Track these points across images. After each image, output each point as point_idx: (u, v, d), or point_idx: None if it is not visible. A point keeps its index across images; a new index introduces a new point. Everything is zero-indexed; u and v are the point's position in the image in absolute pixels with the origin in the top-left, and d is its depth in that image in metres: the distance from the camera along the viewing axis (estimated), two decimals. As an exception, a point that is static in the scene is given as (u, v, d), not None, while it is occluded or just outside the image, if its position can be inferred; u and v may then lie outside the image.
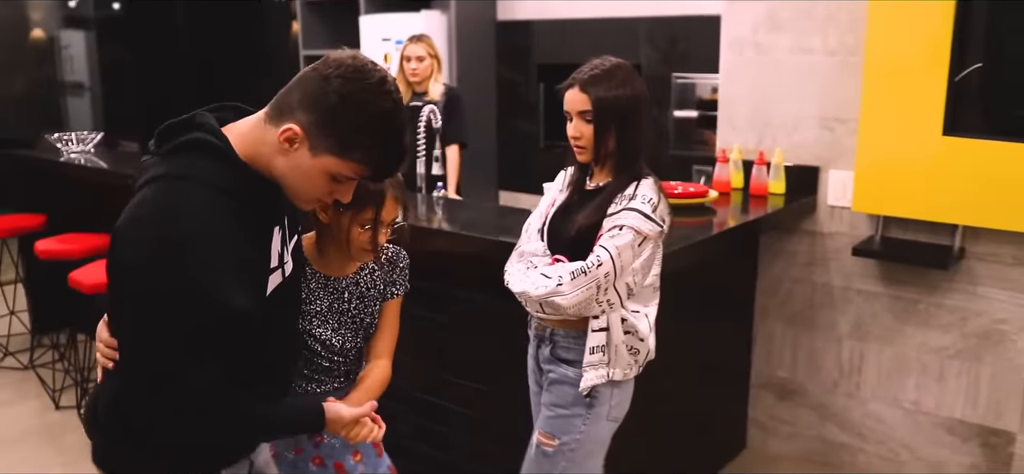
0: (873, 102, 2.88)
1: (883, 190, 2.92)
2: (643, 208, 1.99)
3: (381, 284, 1.94)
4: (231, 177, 1.38)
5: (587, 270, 1.95)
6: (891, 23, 2.80)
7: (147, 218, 1.33)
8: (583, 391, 2.05)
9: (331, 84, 1.37)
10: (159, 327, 1.32)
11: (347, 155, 1.40)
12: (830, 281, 3.21)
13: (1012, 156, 2.65)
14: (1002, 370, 2.91)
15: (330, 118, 1.38)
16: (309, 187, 1.44)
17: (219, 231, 1.34)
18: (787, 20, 3.14)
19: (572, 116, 2.06)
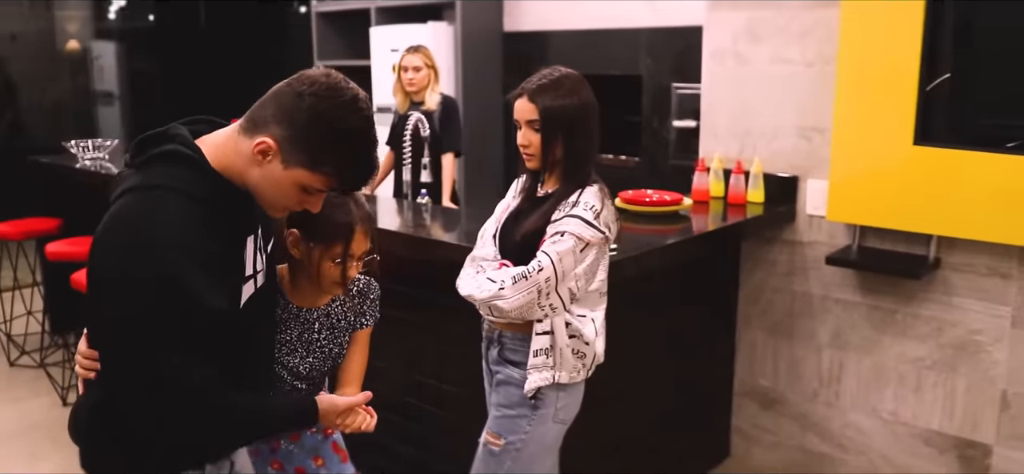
0: (846, 112, 2.89)
1: (857, 200, 2.93)
2: (585, 214, 2.04)
3: (351, 315, 1.98)
4: (203, 185, 1.44)
5: (528, 275, 2.00)
6: (863, 34, 2.81)
7: (122, 226, 1.39)
8: (528, 393, 2.10)
9: (304, 101, 1.43)
10: (139, 327, 1.37)
11: (318, 169, 1.45)
12: (809, 290, 3.22)
13: (982, 165, 2.65)
14: (977, 381, 2.90)
15: (302, 133, 1.43)
16: (280, 197, 1.50)
17: (192, 236, 1.39)
18: (766, 31, 3.17)
19: (521, 124, 2.11)
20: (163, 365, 1.38)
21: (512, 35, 5.54)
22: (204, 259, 1.40)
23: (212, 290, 1.41)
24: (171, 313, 1.36)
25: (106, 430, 1.54)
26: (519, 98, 2.12)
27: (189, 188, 1.42)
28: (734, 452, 3.54)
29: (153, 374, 1.38)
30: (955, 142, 2.72)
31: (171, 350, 1.38)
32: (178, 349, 1.38)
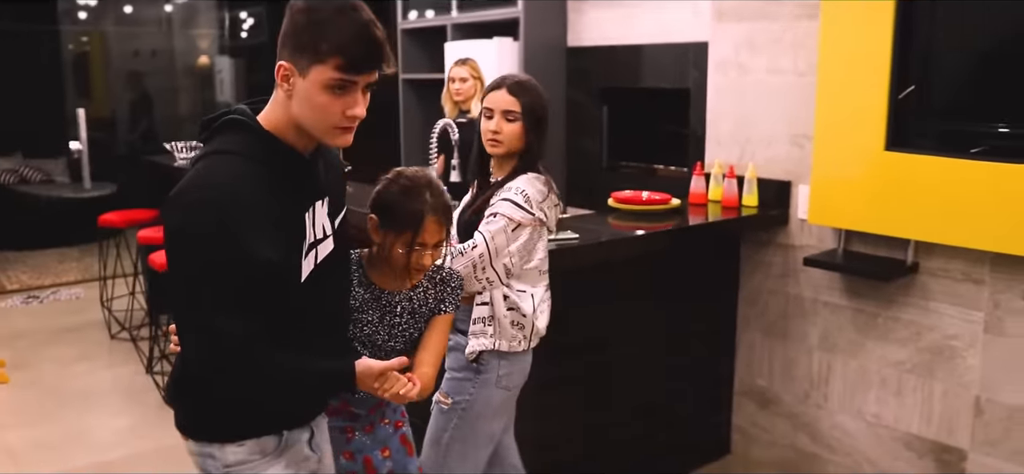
0: (825, 120, 3.01)
1: (836, 204, 3.03)
2: (515, 198, 2.30)
3: (432, 301, 2.02)
4: (258, 147, 1.53)
5: (464, 251, 2.28)
6: (839, 48, 2.93)
7: (186, 188, 1.49)
8: (469, 356, 2.37)
9: (297, 16, 1.53)
10: (193, 280, 1.46)
11: (323, 57, 1.50)
12: (801, 293, 3.32)
13: (949, 170, 2.72)
14: (953, 387, 2.93)
15: (298, 36, 1.51)
16: (318, 113, 1.53)
17: (248, 191, 1.47)
18: (762, 43, 3.31)
19: (495, 114, 2.39)
20: (213, 316, 1.45)
21: (575, 50, 5.78)
22: (258, 213, 1.47)
23: (264, 242, 1.47)
24: (223, 265, 1.44)
25: (185, 392, 1.68)
26: (498, 90, 2.40)
27: (246, 150, 1.51)
28: (734, 450, 3.66)
29: (204, 324, 1.46)
30: (923, 148, 2.80)
31: (221, 301, 1.45)
32: (229, 301, 1.45)
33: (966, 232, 2.73)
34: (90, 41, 9.71)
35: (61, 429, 3.90)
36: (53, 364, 4.74)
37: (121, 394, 4.30)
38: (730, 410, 3.64)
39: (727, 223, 3.26)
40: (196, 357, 1.52)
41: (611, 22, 5.25)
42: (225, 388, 1.56)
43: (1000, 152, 2.64)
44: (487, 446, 2.50)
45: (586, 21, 5.55)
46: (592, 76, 5.73)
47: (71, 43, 9.46)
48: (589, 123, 5.81)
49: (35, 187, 8.05)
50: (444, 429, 2.44)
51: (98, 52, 9.73)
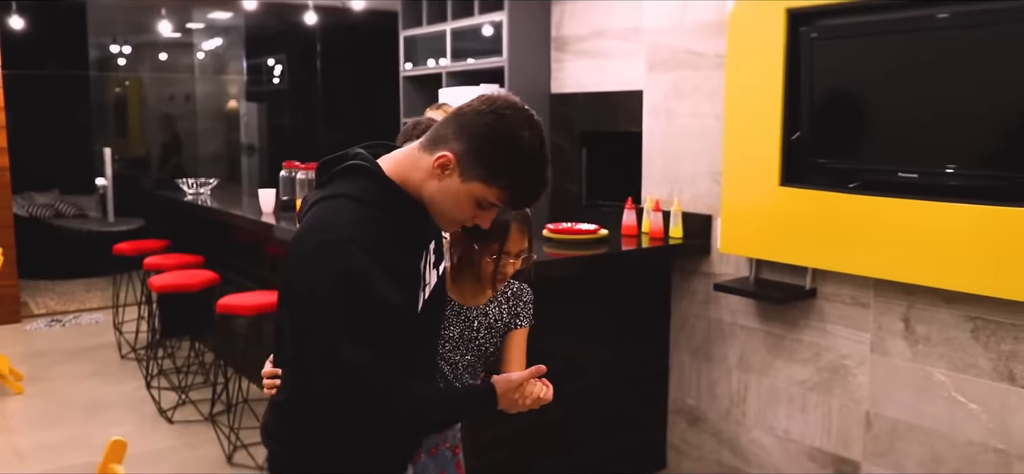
0: (731, 158, 3.33)
1: (743, 234, 3.34)
2: None
3: (507, 316, 2.04)
4: (381, 194, 1.54)
5: None
6: (741, 94, 3.26)
7: (309, 232, 1.51)
8: None
9: (483, 118, 1.51)
10: (327, 322, 1.45)
11: (493, 182, 1.51)
12: (721, 317, 3.62)
13: (834, 204, 3.02)
14: (847, 402, 3.20)
15: (480, 148, 1.50)
16: (455, 209, 1.56)
17: (372, 237, 1.49)
18: (686, 91, 3.65)
19: None
20: (356, 354, 1.45)
21: (557, 96, 6.17)
22: (383, 259, 1.48)
23: (390, 285, 1.49)
24: (357, 307, 1.44)
25: (288, 428, 1.65)
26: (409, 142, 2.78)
27: (369, 196, 1.52)
28: (669, 465, 3.93)
29: (348, 364, 1.45)
30: (811, 183, 3.10)
31: (358, 342, 1.45)
32: (365, 342, 1.45)
33: (851, 260, 3.02)
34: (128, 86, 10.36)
35: (64, 434, 4.32)
36: (65, 379, 5.19)
37: (122, 406, 4.72)
38: (665, 427, 3.93)
39: (649, 252, 3.59)
40: (337, 398, 1.50)
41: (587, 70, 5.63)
42: (372, 425, 1.57)
43: (874, 186, 2.93)
44: None
45: (567, 69, 5.94)
46: (573, 121, 6.10)
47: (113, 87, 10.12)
48: (570, 165, 6.17)
49: (68, 221, 8.63)
50: None
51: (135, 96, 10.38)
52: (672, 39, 3.71)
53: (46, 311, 6.96)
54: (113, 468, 2.01)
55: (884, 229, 2.88)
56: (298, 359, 1.56)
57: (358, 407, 1.51)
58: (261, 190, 4.73)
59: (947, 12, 2.65)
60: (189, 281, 4.45)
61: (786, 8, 3.06)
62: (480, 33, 6.30)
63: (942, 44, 2.71)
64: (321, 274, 1.45)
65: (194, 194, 5.68)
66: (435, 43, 6.76)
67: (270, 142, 9.64)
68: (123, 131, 10.35)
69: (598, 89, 5.81)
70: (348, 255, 1.45)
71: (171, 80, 10.46)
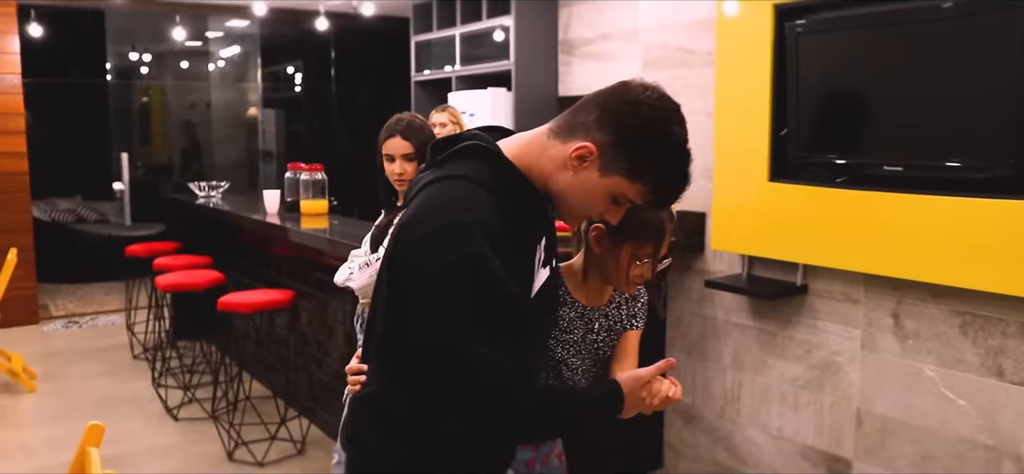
0: (721, 156, 3.33)
1: (734, 231, 3.34)
2: None
3: (624, 316, 1.94)
4: (503, 179, 1.41)
5: (370, 263, 2.67)
6: (730, 91, 3.27)
7: (424, 215, 1.38)
8: None
9: (632, 108, 1.38)
10: (449, 312, 1.33)
11: (638, 178, 1.39)
12: (715, 315, 3.61)
13: (823, 198, 3.01)
14: (839, 400, 3.17)
15: (627, 141, 1.38)
16: (587, 204, 1.45)
17: (494, 222, 1.36)
18: (678, 89, 3.65)
19: (396, 158, 2.79)
20: (478, 353, 1.33)
21: (565, 99, 6.19)
22: (502, 246, 1.36)
23: (510, 275, 1.37)
24: (482, 298, 1.33)
25: (379, 426, 1.51)
26: (392, 138, 2.80)
27: (488, 180, 1.40)
28: (666, 464, 3.92)
29: (468, 363, 1.34)
30: (799, 178, 3.09)
31: (483, 337, 1.33)
32: (489, 336, 1.34)
33: (841, 255, 3.00)
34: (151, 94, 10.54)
35: (71, 430, 4.40)
36: (77, 378, 5.28)
37: (130, 404, 4.79)
38: (661, 427, 3.92)
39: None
40: (458, 396, 1.38)
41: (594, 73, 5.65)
42: (493, 427, 1.44)
43: (861, 181, 2.92)
44: None
45: (574, 72, 5.96)
46: (579, 123, 6.12)
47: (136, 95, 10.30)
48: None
49: (89, 226, 8.79)
50: None
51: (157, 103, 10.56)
52: (666, 37, 3.72)
53: (65, 313, 7.09)
54: (89, 451, 2.05)
55: (873, 224, 2.86)
56: (402, 350, 1.43)
57: (480, 407, 1.38)
58: (266, 191, 4.80)
59: (930, 4, 2.64)
60: (194, 281, 4.52)
61: (773, 3, 3.06)
62: (489, 37, 6.34)
63: (927, 36, 2.69)
64: (444, 260, 1.33)
65: (206, 197, 5.76)
66: (445, 48, 6.81)
67: (288, 148, 9.76)
68: (146, 138, 10.53)
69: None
70: (472, 240, 1.32)
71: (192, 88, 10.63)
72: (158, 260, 5.17)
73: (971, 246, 2.60)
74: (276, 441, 4.12)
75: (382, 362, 1.50)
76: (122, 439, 4.27)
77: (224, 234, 5.45)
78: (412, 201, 1.46)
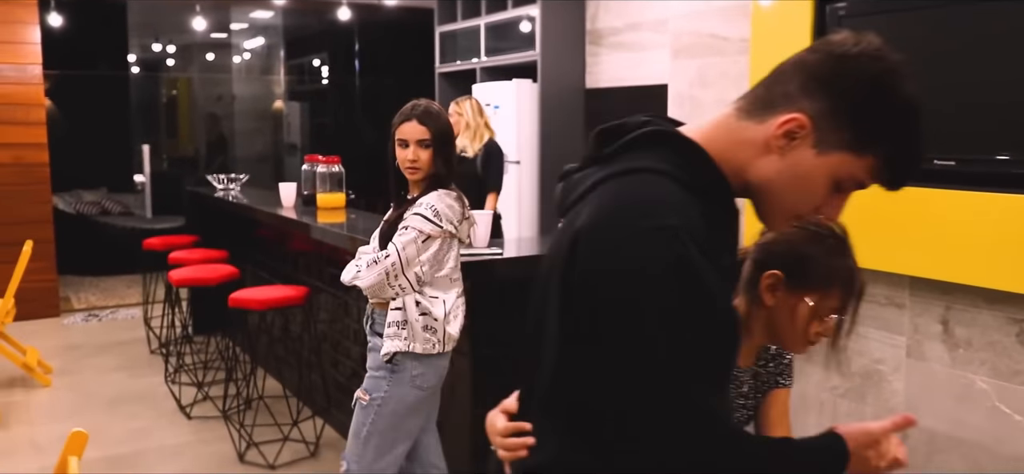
0: (757, 148, 3.13)
1: (769, 230, 3.13)
2: (425, 213, 2.53)
3: (774, 375, 1.76)
4: (698, 172, 1.12)
5: (378, 260, 2.52)
6: (767, 75, 3.06)
7: (616, 215, 1.08)
8: (383, 356, 2.59)
9: (850, 63, 1.10)
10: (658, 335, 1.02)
11: (865, 151, 1.11)
12: (748, 318, 3.40)
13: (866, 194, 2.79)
14: (881, 411, 2.96)
15: (851, 105, 1.09)
16: (803, 194, 1.14)
17: (697, 224, 1.06)
18: (711, 78, 3.45)
19: (409, 143, 2.63)
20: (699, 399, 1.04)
21: (593, 91, 6.00)
22: (707, 250, 1.06)
23: (719, 288, 1.09)
24: (696, 323, 1.04)
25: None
26: (407, 122, 2.64)
27: (682, 174, 1.10)
28: None
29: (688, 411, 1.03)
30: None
31: (701, 375, 1.04)
32: (706, 374, 1.06)
33: (884, 256, 2.79)
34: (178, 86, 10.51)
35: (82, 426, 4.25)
36: (92, 373, 5.20)
37: (143, 400, 4.69)
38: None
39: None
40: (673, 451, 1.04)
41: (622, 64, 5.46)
42: None
43: (909, 178, 2.70)
44: (404, 442, 2.70)
45: (602, 63, 5.77)
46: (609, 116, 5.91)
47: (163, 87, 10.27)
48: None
49: (113, 218, 8.75)
50: (363, 424, 2.66)
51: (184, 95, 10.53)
52: (697, 24, 3.52)
53: (86, 306, 7.04)
54: (69, 459, 1.92)
55: (920, 222, 2.65)
56: (588, 399, 1.09)
57: (699, 464, 1.05)
58: (282, 184, 4.67)
59: (988, -17, 2.42)
60: (207, 276, 4.40)
61: (814, -15, 2.86)
62: (514, 28, 6.17)
63: (981, 18, 2.47)
64: (646, 275, 1.02)
65: (224, 190, 5.65)
66: (469, 39, 6.65)
67: (312, 141, 9.67)
68: (172, 131, 10.50)
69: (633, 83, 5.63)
70: (682, 246, 1.02)
71: (217, 80, 10.59)
72: (173, 254, 5.07)
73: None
74: (288, 442, 3.98)
75: (557, 417, 1.16)
76: (132, 438, 4.16)
77: (242, 228, 5.33)
78: (577, 204, 1.14)
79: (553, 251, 1.17)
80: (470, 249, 3.03)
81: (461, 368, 3.00)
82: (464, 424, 3.09)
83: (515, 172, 5.93)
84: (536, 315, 1.19)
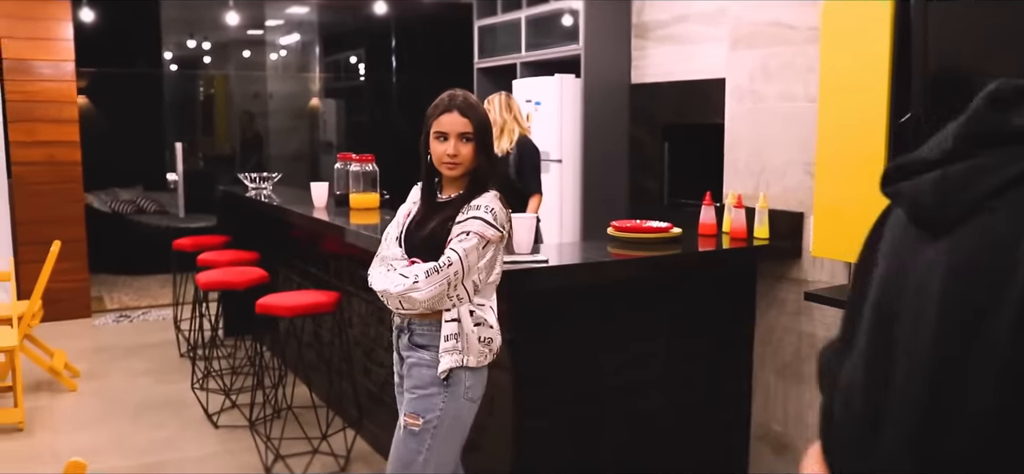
0: (827, 145, 2.84)
1: (840, 235, 2.84)
2: (486, 216, 2.30)
3: None
4: None
5: (440, 269, 2.27)
6: (838, 71, 2.77)
7: None
8: (441, 374, 2.34)
9: None
10: None
11: None
12: (815, 332, 3.12)
13: None
14: None
15: None
16: None
17: None
18: (776, 69, 3.17)
19: (450, 136, 2.40)
20: None
21: (638, 86, 5.72)
22: None
23: None
24: None
25: None
26: (447, 113, 2.41)
27: None
28: (751, 498, 3.45)
29: None
30: (925, 176, 2.59)
31: None
32: None
33: None
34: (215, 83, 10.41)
35: (105, 435, 4.14)
36: (121, 376, 5.05)
37: (169, 408, 4.52)
38: (746, 457, 3.44)
39: (730, 254, 3.12)
40: None
41: (670, 58, 5.17)
42: None
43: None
44: (455, 461, 2.48)
45: (649, 57, 5.49)
46: (655, 113, 5.64)
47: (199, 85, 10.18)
48: (651, 161, 5.71)
49: (148, 217, 8.65)
50: (418, 451, 2.38)
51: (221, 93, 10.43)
52: (758, 11, 3.24)
53: (118, 306, 6.93)
54: (63, 493, 1.71)
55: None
56: None
57: None
58: (313, 183, 4.46)
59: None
60: (236, 279, 4.21)
61: (896, -36, 2.57)
62: (556, 21, 5.92)
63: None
64: None
65: (256, 189, 5.47)
66: (510, 33, 6.41)
67: (348, 139, 9.49)
68: (208, 128, 10.40)
69: (682, 77, 5.34)
70: None
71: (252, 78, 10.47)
72: (203, 255, 4.90)
73: None
74: (318, 455, 3.77)
75: None
76: (156, 448, 3.98)
77: (274, 229, 5.15)
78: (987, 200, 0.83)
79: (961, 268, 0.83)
80: (512, 255, 2.79)
81: (500, 381, 2.76)
82: (504, 437, 2.84)
83: (556, 172, 5.68)
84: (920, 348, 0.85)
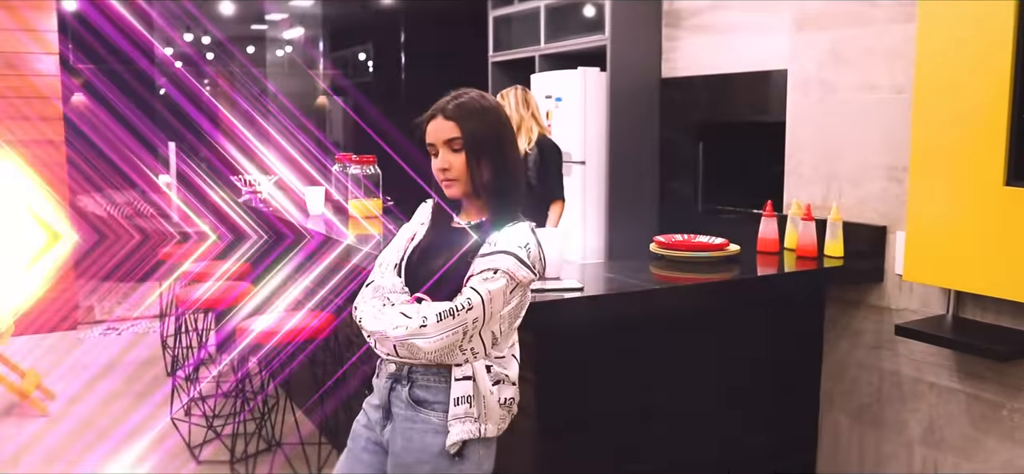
0: (924, 147, 2.32)
1: (940, 256, 2.33)
2: (519, 253, 1.79)
3: None
4: None
5: (455, 312, 1.76)
6: (942, 54, 2.25)
7: None
8: (450, 448, 1.84)
9: None
10: None
11: None
12: (899, 369, 2.60)
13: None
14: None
15: None
16: None
17: None
18: (851, 55, 2.66)
19: (438, 148, 1.90)
20: None
21: (669, 81, 5.20)
22: None
23: None
24: None
25: None
26: (432, 119, 1.92)
27: None
28: (817, 561, 2.93)
29: None
30: (1058, 184, 2.07)
31: None
32: None
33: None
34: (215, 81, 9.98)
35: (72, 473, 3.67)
36: (98, 400, 4.58)
37: (150, 436, 4.04)
38: (811, 511, 2.93)
39: (797, 276, 2.60)
40: None
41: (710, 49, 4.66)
42: None
43: None
44: None
45: (681, 49, 4.97)
46: (688, 110, 5.13)
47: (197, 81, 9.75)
48: (683, 163, 5.19)
49: (145, 221, 8.19)
50: None
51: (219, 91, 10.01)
52: (831, -15, 2.72)
53: (107, 317, 6.47)
54: None
55: None
56: None
57: None
58: (307, 188, 3.98)
59: None
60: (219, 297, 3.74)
61: (1024, -82, 2.05)
62: (578, 10, 5.41)
63: None
64: None
65: (250, 192, 4.99)
66: (528, 23, 5.90)
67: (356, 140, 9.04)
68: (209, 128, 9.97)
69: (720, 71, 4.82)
70: None
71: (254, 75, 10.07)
72: (188, 269, 4.43)
73: None
74: (309, 500, 3.29)
75: None
76: (127, 489, 3.50)
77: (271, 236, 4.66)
78: None
79: None
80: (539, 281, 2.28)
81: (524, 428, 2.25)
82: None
83: (579, 174, 5.17)
84: None
